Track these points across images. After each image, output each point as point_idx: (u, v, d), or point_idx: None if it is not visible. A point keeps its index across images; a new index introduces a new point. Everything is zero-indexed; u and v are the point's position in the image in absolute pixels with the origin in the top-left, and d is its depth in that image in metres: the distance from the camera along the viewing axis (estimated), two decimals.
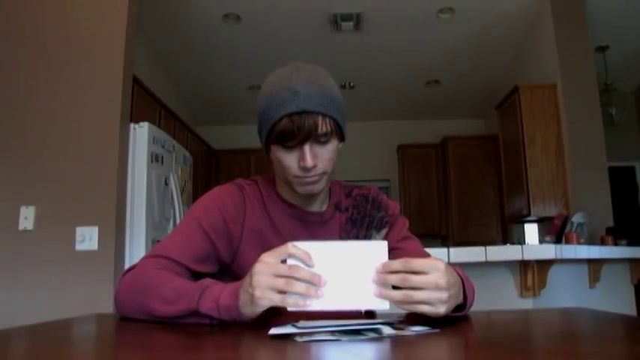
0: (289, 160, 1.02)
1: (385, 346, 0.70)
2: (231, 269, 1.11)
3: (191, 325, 0.89)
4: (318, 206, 1.16)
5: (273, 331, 0.75)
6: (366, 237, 1.19)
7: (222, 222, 1.07)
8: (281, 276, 0.81)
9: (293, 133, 0.98)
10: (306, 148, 1.00)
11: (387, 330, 0.77)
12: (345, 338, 0.72)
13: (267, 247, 1.09)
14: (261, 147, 1.10)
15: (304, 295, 0.80)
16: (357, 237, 1.18)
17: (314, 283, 0.80)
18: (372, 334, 0.74)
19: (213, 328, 0.87)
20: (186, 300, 0.90)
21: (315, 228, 1.15)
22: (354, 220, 1.19)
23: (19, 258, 2.67)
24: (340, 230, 1.17)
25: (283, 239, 1.10)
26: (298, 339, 0.71)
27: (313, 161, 1.00)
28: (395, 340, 0.72)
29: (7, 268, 2.67)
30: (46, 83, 2.85)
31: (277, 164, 1.06)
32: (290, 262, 0.83)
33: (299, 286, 0.80)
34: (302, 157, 1.00)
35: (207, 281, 0.94)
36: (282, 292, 0.81)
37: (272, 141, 1.03)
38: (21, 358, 0.69)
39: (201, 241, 1.06)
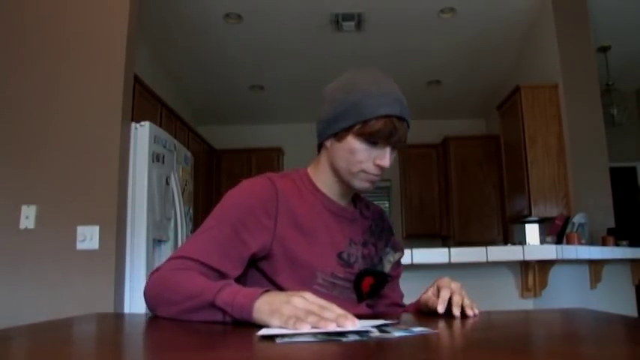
0: (366, 155, 1.08)
1: (385, 347, 0.70)
2: (264, 264, 1.10)
3: (194, 325, 0.89)
4: (345, 206, 1.21)
5: (262, 332, 0.76)
6: (383, 252, 1.24)
7: (253, 218, 1.07)
8: (313, 313, 0.79)
9: (389, 133, 1.06)
10: (389, 150, 1.09)
11: (373, 332, 0.76)
12: (325, 339, 0.71)
13: (303, 235, 1.09)
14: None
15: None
16: (375, 246, 1.22)
17: (339, 322, 0.77)
18: (353, 337, 0.73)
19: (214, 327, 0.87)
20: (206, 293, 0.91)
21: (345, 224, 1.18)
22: (373, 231, 1.24)
23: (20, 257, 2.68)
24: (363, 233, 1.21)
25: (316, 230, 1.12)
26: (278, 340, 0.70)
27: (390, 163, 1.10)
28: (395, 341, 0.72)
29: (8, 267, 2.67)
30: (47, 82, 2.85)
31: (345, 155, 1.10)
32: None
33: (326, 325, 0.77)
34: (381, 157, 1.08)
35: (231, 281, 0.96)
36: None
37: (357, 132, 1.07)
38: (21, 357, 0.69)
39: (230, 240, 1.05)
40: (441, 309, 1.01)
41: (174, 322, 0.94)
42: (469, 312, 1.01)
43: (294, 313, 0.80)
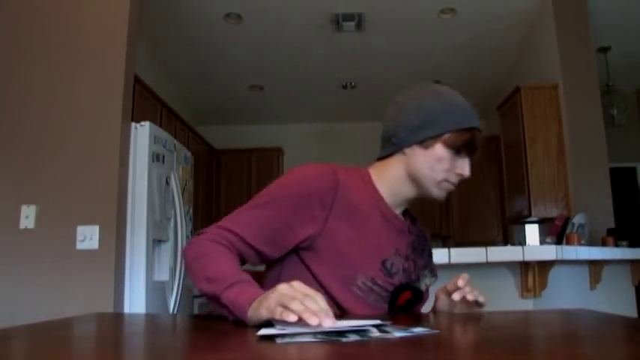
0: (450, 164, 1.12)
1: (385, 347, 0.70)
2: (306, 253, 1.08)
3: (194, 325, 0.89)
4: (399, 215, 1.21)
5: (262, 332, 0.76)
6: (421, 272, 1.23)
7: (307, 206, 1.06)
8: (296, 300, 0.80)
9: (475, 145, 1.13)
10: (468, 161, 1.14)
11: (373, 333, 0.76)
12: (325, 339, 0.71)
13: (354, 232, 1.08)
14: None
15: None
16: (414, 263, 1.20)
17: (319, 318, 0.76)
18: (353, 337, 0.73)
19: (213, 327, 0.87)
20: (219, 284, 0.93)
21: (394, 233, 1.17)
22: (415, 248, 1.23)
23: (20, 257, 2.68)
24: (407, 247, 1.19)
25: (367, 231, 1.11)
26: (279, 341, 0.70)
27: None
28: (395, 341, 0.72)
29: (8, 267, 2.67)
30: (47, 82, 2.85)
31: (431, 163, 1.12)
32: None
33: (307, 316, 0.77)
34: (463, 167, 1.14)
35: (246, 276, 0.95)
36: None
37: (446, 141, 1.10)
38: (21, 357, 0.69)
39: (279, 225, 1.05)
40: (460, 282, 1.10)
41: (173, 322, 0.94)
42: (481, 299, 1.09)
43: (279, 300, 0.81)
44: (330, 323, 0.76)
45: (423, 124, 1.10)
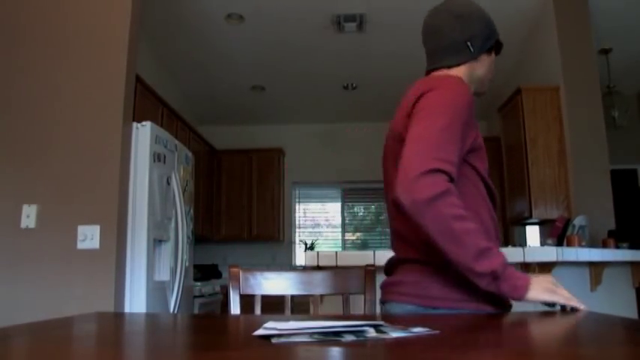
0: (493, 66, 1.41)
1: (383, 348, 0.70)
2: (469, 156, 1.23)
3: (192, 324, 0.89)
4: None
5: (259, 332, 0.76)
6: None
7: (471, 116, 1.21)
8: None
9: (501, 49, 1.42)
10: None
11: (370, 333, 0.76)
12: (321, 339, 0.71)
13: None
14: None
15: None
16: None
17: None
18: (350, 337, 0.73)
19: (211, 327, 0.87)
20: (489, 263, 1.06)
21: None
22: None
23: (21, 256, 2.68)
24: None
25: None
26: (274, 340, 0.71)
27: None
28: (393, 342, 0.72)
29: (9, 266, 2.68)
30: (49, 82, 2.85)
31: (491, 65, 1.39)
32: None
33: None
34: (492, 68, 1.42)
35: (502, 259, 1.09)
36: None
37: (496, 48, 1.40)
38: (22, 356, 0.69)
39: (460, 137, 1.17)
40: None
41: (173, 321, 0.94)
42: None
43: (553, 289, 1.12)
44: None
45: (489, 34, 1.36)
